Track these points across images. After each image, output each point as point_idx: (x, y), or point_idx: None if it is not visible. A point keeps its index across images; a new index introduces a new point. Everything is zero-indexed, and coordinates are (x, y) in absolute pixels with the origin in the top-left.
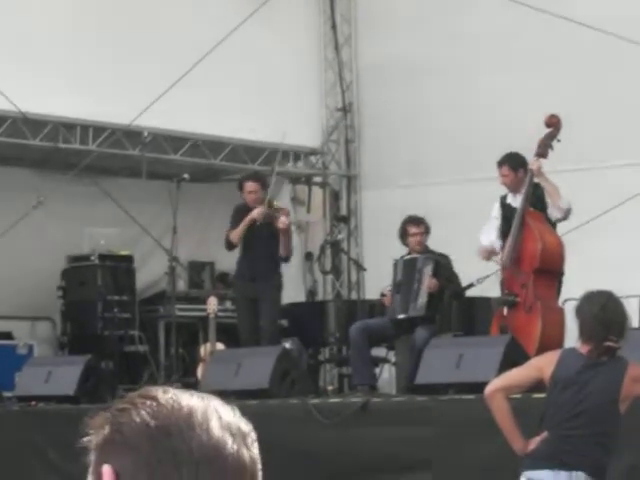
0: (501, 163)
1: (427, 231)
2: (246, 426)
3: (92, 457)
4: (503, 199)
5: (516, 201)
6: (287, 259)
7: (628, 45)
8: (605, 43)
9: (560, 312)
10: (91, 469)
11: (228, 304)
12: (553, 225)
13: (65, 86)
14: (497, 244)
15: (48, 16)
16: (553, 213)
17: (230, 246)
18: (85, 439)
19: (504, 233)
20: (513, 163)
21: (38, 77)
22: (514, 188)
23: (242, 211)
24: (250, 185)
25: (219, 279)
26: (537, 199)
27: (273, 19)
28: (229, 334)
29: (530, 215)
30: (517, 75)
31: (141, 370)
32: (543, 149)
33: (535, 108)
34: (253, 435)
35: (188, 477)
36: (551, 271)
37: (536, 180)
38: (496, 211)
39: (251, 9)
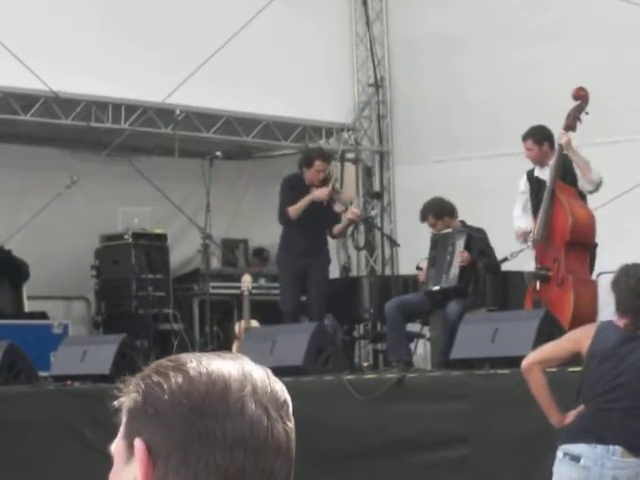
0: (525, 137)
1: (439, 217)
2: (281, 393)
3: (124, 419)
4: (530, 173)
5: (543, 173)
6: (335, 238)
7: None
8: (629, 15)
9: (592, 285)
10: (123, 430)
11: (262, 281)
12: (583, 197)
13: (97, 65)
14: (530, 221)
15: None
16: (584, 186)
17: (287, 222)
18: (117, 401)
19: (534, 207)
20: (537, 137)
21: (69, 57)
22: (539, 161)
23: (298, 185)
24: (321, 164)
25: (255, 254)
26: (566, 171)
27: None
28: (263, 311)
29: (560, 189)
30: (550, 48)
31: (176, 348)
32: (571, 122)
33: (568, 81)
34: (288, 402)
35: (222, 460)
36: (582, 244)
37: (566, 152)
38: (523, 186)
39: None
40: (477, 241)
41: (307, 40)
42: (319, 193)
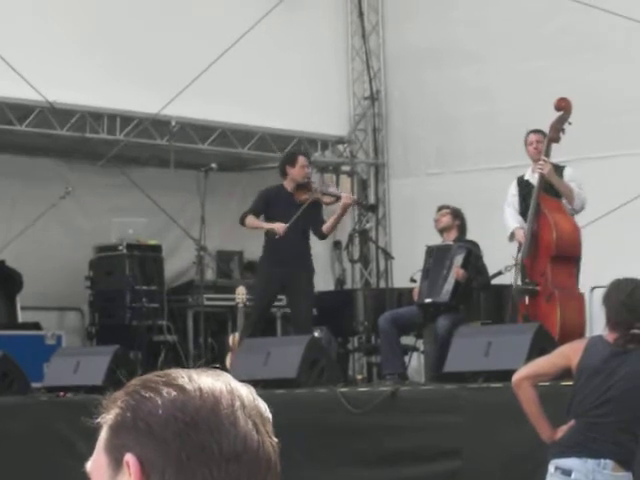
0: (537, 130)
1: (455, 216)
2: (265, 410)
3: (106, 435)
4: (520, 178)
5: (534, 177)
6: (326, 237)
7: None
8: (630, 30)
9: (579, 299)
10: (105, 446)
11: None
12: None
13: (92, 76)
14: (520, 220)
15: (75, 6)
16: (566, 207)
17: (241, 225)
18: (99, 417)
19: (522, 210)
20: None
21: (65, 67)
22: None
23: (276, 199)
24: (304, 160)
25: (247, 268)
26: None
27: (300, 8)
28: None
29: (545, 202)
30: (544, 61)
31: (168, 360)
32: (555, 134)
33: (562, 94)
34: (271, 419)
35: (218, 474)
36: (569, 258)
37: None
38: (513, 189)
39: None
40: (476, 258)
41: (303, 52)
42: (279, 227)
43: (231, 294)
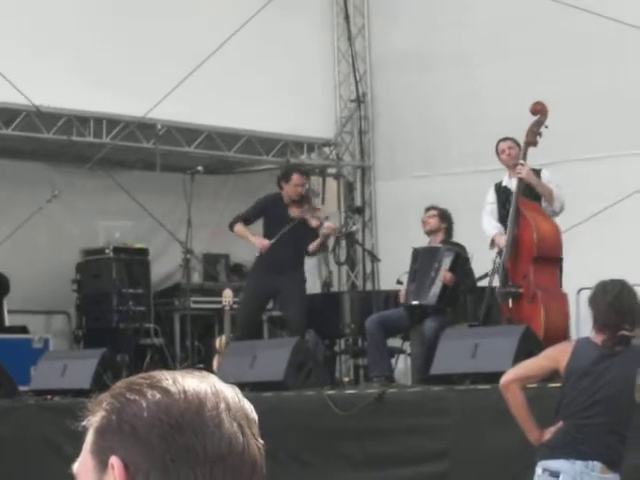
0: (507, 138)
1: (442, 218)
2: (251, 411)
3: (92, 438)
4: (497, 185)
5: (512, 183)
6: (312, 255)
7: (637, 33)
8: (614, 32)
9: (563, 300)
10: (90, 448)
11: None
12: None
13: (78, 79)
14: (498, 226)
15: (61, 9)
16: (547, 209)
17: (230, 229)
18: (84, 421)
19: (501, 217)
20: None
21: (51, 71)
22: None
23: (273, 207)
24: (298, 178)
25: (233, 270)
26: (532, 188)
27: (286, 11)
28: None
29: (524, 205)
30: (531, 63)
31: (154, 363)
32: (531, 137)
33: (548, 97)
34: (257, 420)
35: (202, 476)
36: (550, 258)
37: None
38: (491, 196)
39: (264, 1)
40: (463, 261)
41: (289, 55)
42: (262, 246)
43: (218, 297)
